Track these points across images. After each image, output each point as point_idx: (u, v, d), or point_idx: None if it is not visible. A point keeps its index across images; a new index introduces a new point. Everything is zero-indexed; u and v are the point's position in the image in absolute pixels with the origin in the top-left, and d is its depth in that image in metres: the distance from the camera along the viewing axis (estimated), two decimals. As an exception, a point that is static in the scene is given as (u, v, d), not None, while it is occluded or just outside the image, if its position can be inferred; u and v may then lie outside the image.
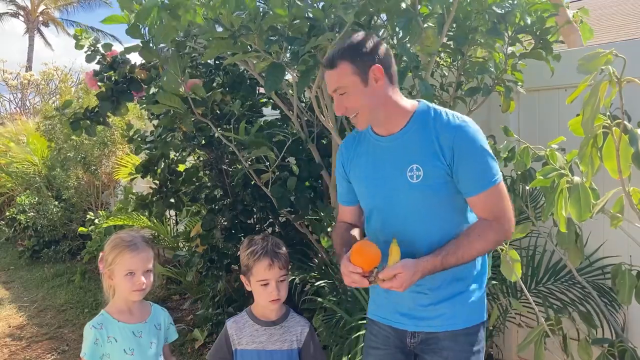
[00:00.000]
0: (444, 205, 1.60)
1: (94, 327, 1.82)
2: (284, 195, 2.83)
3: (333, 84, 1.57)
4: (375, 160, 1.68)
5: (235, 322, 1.92)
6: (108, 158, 6.47)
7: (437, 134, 1.56)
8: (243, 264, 1.90)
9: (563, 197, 1.61)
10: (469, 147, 1.54)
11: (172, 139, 3.32)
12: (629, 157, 1.41)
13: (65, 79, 13.42)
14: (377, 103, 1.57)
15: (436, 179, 1.56)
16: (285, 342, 1.88)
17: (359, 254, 1.55)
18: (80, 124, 2.81)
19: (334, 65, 1.55)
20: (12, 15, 25.24)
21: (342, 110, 1.59)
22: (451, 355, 1.62)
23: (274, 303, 1.86)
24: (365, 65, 1.54)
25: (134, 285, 1.80)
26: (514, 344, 2.93)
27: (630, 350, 1.90)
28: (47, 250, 6.84)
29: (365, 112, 1.58)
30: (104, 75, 2.86)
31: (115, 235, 1.89)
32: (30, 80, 15.43)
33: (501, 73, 2.48)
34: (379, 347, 1.75)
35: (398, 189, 1.61)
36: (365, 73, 1.54)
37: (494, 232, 1.55)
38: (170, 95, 2.58)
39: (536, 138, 2.61)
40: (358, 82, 1.55)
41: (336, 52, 1.57)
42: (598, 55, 1.36)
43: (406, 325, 1.68)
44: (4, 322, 4.66)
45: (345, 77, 1.55)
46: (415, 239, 1.61)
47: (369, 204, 1.73)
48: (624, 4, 9.15)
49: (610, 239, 2.46)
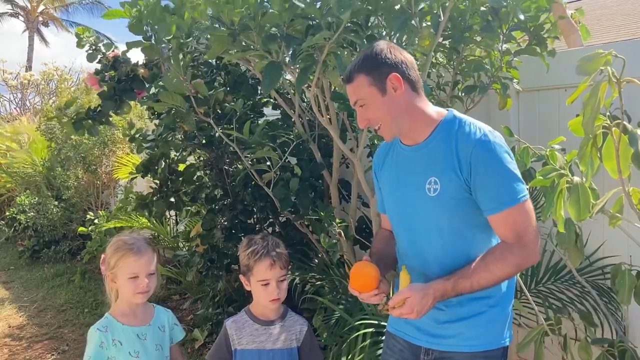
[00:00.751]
0: (463, 222, 1.51)
1: (99, 330, 1.82)
2: (286, 196, 2.83)
3: (352, 97, 1.56)
4: (398, 171, 1.64)
5: (235, 322, 1.92)
6: (108, 157, 6.47)
7: (457, 145, 1.48)
8: (243, 264, 1.90)
9: (562, 197, 1.61)
10: (488, 162, 1.44)
11: (172, 138, 3.32)
12: (629, 157, 1.42)
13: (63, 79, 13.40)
14: (398, 112, 1.52)
15: (453, 193, 1.48)
16: (285, 341, 1.89)
17: (354, 277, 1.55)
18: (83, 124, 2.81)
19: (351, 79, 1.54)
20: (11, 15, 25.24)
21: (364, 122, 1.56)
22: None
23: (274, 303, 1.87)
24: (381, 75, 1.49)
25: (137, 288, 1.81)
26: (514, 343, 2.93)
27: (630, 350, 1.90)
28: (47, 250, 6.84)
29: (388, 122, 1.53)
30: (105, 74, 2.85)
31: (116, 238, 1.89)
32: (30, 80, 15.42)
33: (497, 70, 2.49)
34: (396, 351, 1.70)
35: (417, 203, 1.55)
36: (382, 82, 1.50)
37: (514, 255, 1.43)
38: (173, 93, 2.58)
39: (536, 138, 2.61)
40: (376, 92, 1.50)
41: (353, 65, 1.54)
42: (598, 55, 1.36)
43: (420, 341, 1.62)
44: (4, 322, 4.66)
45: (362, 89, 1.52)
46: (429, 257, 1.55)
47: (394, 218, 1.69)
48: (624, 4, 9.16)
49: (610, 239, 2.46)
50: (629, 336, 2.38)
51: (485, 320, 1.55)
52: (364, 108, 1.53)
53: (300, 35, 2.07)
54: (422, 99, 1.56)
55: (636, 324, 2.42)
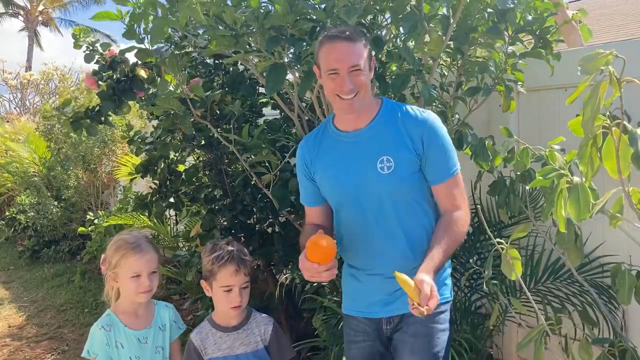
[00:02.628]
0: (415, 195, 1.69)
1: (103, 328, 1.81)
2: (285, 196, 2.82)
3: (352, 59, 1.60)
4: (340, 155, 1.73)
5: (199, 333, 1.89)
6: (108, 157, 6.46)
7: (405, 127, 1.67)
8: (206, 269, 1.86)
9: (562, 197, 1.61)
10: (437, 138, 1.66)
11: (171, 140, 3.31)
12: (629, 157, 1.41)
13: (64, 79, 13.39)
14: (369, 89, 1.67)
15: (407, 169, 1.65)
16: (249, 344, 1.86)
17: (313, 249, 1.54)
18: (81, 123, 2.79)
19: (355, 40, 1.61)
20: (11, 15, 25.22)
21: (350, 86, 1.61)
22: (417, 329, 1.69)
23: (235, 310, 1.84)
24: (370, 53, 1.67)
25: (139, 287, 1.80)
26: (514, 343, 2.93)
27: (631, 350, 1.90)
28: (47, 250, 6.84)
29: (365, 92, 1.65)
30: (103, 75, 2.84)
31: (117, 237, 1.88)
32: (30, 80, 15.41)
33: (501, 73, 2.48)
34: (359, 340, 1.80)
35: (367, 181, 1.67)
36: (370, 59, 1.67)
37: (463, 221, 1.67)
38: (168, 97, 2.57)
39: (536, 138, 2.61)
40: (368, 64, 1.65)
41: (353, 30, 1.65)
42: (598, 56, 1.36)
43: (379, 313, 1.75)
44: (4, 322, 4.66)
45: (364, 56, 1.62)
46: (390, 230, 1.69)
47: (338, 199, 1.77)
48: (624, 4, 9.16)
49: (610, 239, 2.46)
50: (629, 336, 2.38)
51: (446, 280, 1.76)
52: (356, 74, 1.61)
53: (304, 35, 2.04)
54: None
55: (636, 324, 2.42)
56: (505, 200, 2.31)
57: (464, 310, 2.61)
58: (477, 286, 2.64)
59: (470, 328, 2.56)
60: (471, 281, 2.65)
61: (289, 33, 2.02)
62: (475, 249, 2.68)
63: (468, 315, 2.61)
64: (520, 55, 2.46)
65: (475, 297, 2.66)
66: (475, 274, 2.61)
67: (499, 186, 2.34)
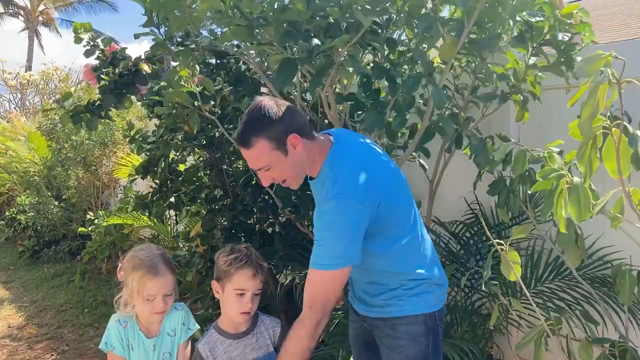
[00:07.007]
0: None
1: (119, 321, 1.81)
2: (287, 195, 2.82)
3: (255, 163, 1.57)
4: None
5: (207, 343, 1.83)
6: (108, 158, 6.46)
7: (321, 192, 1.58)
8: (221, 270, 1.81)
9: (563, 198, 1.61)
10: (322, 219, 1.52)
11: (173, 139, 3.31)
12: (629, 157, 1.42)
13: (66, 79, 13.39)
14: (301, 166, 1.59)
15: None
16: (261, 348, 1.84)
17: None
18: (81, 117, 2.76)
19: (250, 144, 1.53)
20: (11, 15, 25.21)
21: (269, 181, 1.61)
22: (388, 341, 1.71)
23: (244, 316, 1.79)
24: (281, 137, 1.52)
25: (153, 309, 1.78)
26: (514, 343, 2.93)
27: (631, 350, 1.90)
28: (47, 250, 6.84)
29: (293, 177, 1.61)
30: (103, 70, 2.82)
31: (133, 253, 1.82)
32: (30, 80, 15.40)
33: (520, 82, 2.42)
34: (353, 320, 1.93)
35: None
36: (283, 144, 1.53)
37: (305, 327, 1.56)
38: (178, 90, 2.54)
39: (536, 139, 2.61)
40: (279, 155, 1.54)
41: (246, 128, 1.53)
42: (598, 57, 1.36)
43: (361, 310, 1.81)
44: (4, 322, 4.66)
45: (265, 155, 1.53)
46: None
47: None
48: (624, 4, 9.15)
49: (610, 240, 2.46)
50: (629, 336, 2.38)
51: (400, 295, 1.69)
52: (268, 171, 1.58)
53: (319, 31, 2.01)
54: (313, 139, 1.61)
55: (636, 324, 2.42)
56: (505, 200, 2.31)
57: (464, 311, 2.61)
58: (478, 286, 2.64)
59: (470, 328, 2.56)
60: (472, 281, 2.66)
61: (304, 29, 1.98)
62: (477, 249, 2.69)
63: (468, 316, 2.61)
64: (542, 69, 2.40)
65: (475, 297, 2.67)
66: (475, 274, 2.62)
67: (498, 186, 2.34)
